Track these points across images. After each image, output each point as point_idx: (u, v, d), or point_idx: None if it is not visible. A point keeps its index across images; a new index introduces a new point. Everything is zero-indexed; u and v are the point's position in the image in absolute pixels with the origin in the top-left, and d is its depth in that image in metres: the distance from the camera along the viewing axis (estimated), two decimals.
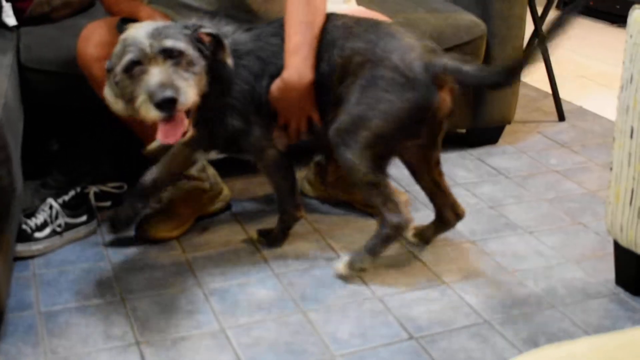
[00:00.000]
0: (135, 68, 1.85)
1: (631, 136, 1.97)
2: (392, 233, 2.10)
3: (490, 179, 2.78)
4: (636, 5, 1.96)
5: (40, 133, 2.46)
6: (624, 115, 1.99)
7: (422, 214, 2.43)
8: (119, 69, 1.87)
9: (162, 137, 1.88)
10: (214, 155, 2.21)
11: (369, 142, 1.99)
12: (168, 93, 1.80)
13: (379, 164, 2.05)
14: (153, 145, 2.23)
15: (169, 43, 1.86)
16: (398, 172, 2.40)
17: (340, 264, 2.14)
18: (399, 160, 2.18)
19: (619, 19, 5.07)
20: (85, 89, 2.22)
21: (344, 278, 2.13)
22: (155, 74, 1.83)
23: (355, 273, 2.14)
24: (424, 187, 2.23)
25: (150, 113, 1.83)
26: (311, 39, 2.02)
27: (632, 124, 1.96)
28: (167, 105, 1.81)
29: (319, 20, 2.05)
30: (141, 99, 1.83)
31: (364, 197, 2.19)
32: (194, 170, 2.37)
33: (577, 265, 2.24)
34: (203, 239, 2.34)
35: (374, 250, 2.12)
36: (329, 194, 2.54)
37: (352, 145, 1.99)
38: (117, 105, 1.97)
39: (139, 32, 1.87)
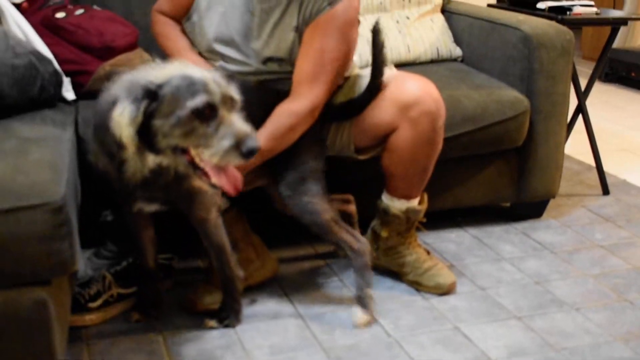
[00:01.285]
0: (207, 112, 1.84)
1: None
2: (367, 256, 2.30)
3: (536, 254, 2.79)
4: None
5: (95, 204, 2.52)
6: None
7: None
8: (189, 106, 1.83)
9: (230, 186, 1.90)
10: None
11: (317, 183, 2.23)
12: (257, 142, 1.85)
13: (327, 200, 2.27)
14: None
15: (234, 92, 1.90)
16: None
17: (358, 316, 2.29)
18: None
19: None
20: None
21: (367, 324, 2.29)
22: (240, 122, 1.86)
23: (370, 312, 2.30)
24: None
25: (233, 160, 1.84)
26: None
27: None
28: (250, 155, 1.85)
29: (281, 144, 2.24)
30: (224, 144, 1.82)
31: (329, 238, 2.32)
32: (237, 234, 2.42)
33: (625, 344, 2.23)
34: (251, 310, 2.37)
35: (366, 282, 2.30)
36: (381, 263, 2.56)
37: (306, 191, 2.21)
38: (128, 134, 1.85)
39: (204, 75, 1.87)
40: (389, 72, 2.39)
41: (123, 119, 1.82)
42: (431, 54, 3.25)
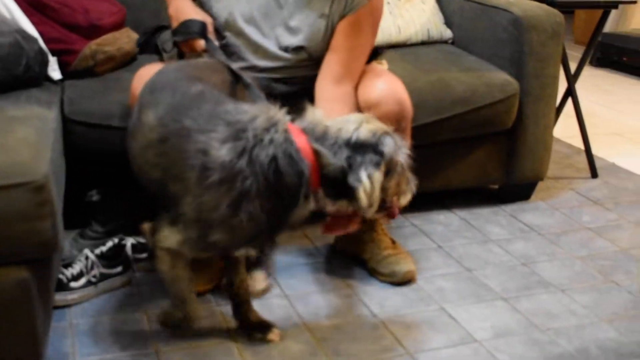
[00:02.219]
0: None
1: None
2: None
3: (523, 236, 2.79)
4: None
5: (81, 184, 2.51)
6: None
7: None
8: (401, 162, 1.85)
9: (353, 228, 1.95)
10: None
11: None
12: None
13: None
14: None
15: None
16: None
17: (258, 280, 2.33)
18: None
19: None
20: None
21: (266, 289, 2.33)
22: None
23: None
24: None
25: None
26: None
27: None
28: None
29: None
30: (409, 192, 1.90)
31: None
32: None
33: (610, 325, 2.23)
34: None
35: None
36: (343, 246, 2.56)
37: None
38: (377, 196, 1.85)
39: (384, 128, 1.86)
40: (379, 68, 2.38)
41: (375, 183, 1.79)
42: (422, 36, 3.24)
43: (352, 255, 2.53)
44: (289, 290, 2.37)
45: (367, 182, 1.77)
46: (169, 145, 1.82)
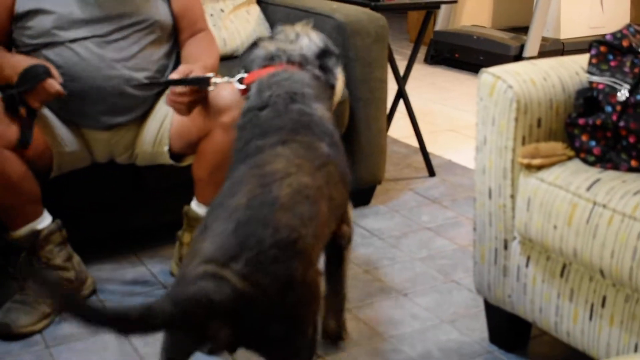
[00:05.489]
0: None
1: (490, 197, 2.00)
2: None
3: (364, 242, 2.78)
4: (484, 69, 2.01)
5: None
6: (481, 176, 2.02)
7: None
8: None
9: None
10: None
11: None
12: None
13: None
14: (21, 231, 2.21)
15: None
16: None
17: None
18: None
19: None
20: None
21: None
22: None
23: None
24: None
25: None
26: None
27: (490, 185, 1.99)
28: None
29: None
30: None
31: None
32: (58, 260, 2.28)
33: (451, 326, 2.25)
34: (67, 330, 2.23)
35: None
36: None
37: None
38: None
39: None
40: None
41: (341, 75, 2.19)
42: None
43: None
44: None
45: (340, 77, 2.11)
46: None
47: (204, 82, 2.15)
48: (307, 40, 2.10)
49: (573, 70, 2.01)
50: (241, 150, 1.82)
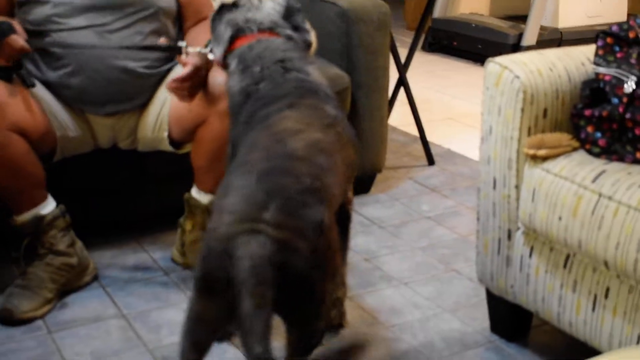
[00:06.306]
0: None
1: (494, 187, 2.00)
2: None
3: (364, 230, 2.78)
4: (490, 58, 2.00)
5: None
6: (486, 166, 2.03)
7: None
8: None
9: None
10: None
11: None
12: None
13: None
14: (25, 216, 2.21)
15: None
16: None
17: None
18: None
19: (481, 59, 5.24)
20: None
21: None
22: None
23: None
24: None
25: None
26: None
27: (494, 175, 1.99)
28: None
29: None
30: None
31: None
32: (62, 246, 2.28)
33: (452, 315, 2.25)
34: (70, 315, 2.23)
35: None
36: (187, 261, 2.44)
37: None
38: None
39: None
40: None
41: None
42: None
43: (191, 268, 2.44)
44: (127, 310, 2.26)
45: (311, 30, 2.10)
46: None
47: (176, 51, 2.19)
48: (271, 2, 2.04)
49: (579, 60, 2.01)
50: (246, 122, 1.81)
